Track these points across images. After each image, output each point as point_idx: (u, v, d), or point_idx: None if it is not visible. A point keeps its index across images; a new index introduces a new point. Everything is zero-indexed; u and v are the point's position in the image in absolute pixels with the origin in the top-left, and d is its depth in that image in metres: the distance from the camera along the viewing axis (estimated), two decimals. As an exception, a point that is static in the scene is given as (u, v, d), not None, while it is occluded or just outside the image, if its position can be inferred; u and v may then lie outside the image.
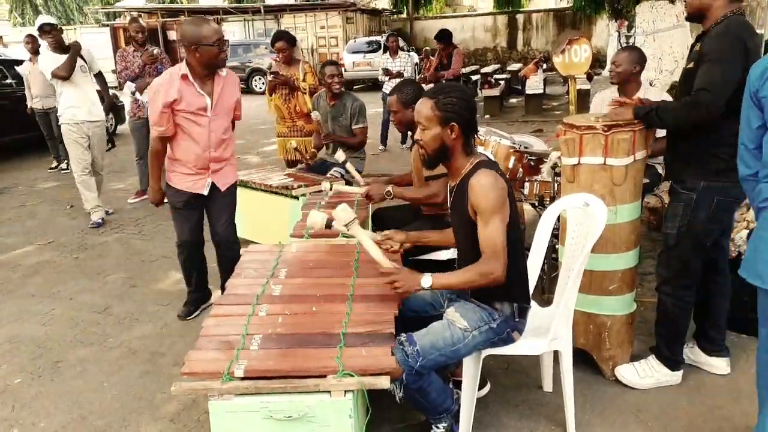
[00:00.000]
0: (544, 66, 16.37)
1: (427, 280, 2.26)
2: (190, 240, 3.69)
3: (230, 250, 3.65)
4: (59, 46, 5.65)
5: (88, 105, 5.77)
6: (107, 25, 24.45)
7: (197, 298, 3.89)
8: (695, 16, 2.66)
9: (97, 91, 6.08)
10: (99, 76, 6.16)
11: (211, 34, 3.22)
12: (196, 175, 3.50)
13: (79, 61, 5.66)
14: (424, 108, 2.31)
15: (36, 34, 8.20)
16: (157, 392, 3.01)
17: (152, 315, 3.91)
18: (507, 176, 3.98)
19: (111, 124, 9.28)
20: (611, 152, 2.68)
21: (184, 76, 3.29)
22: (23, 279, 4.65)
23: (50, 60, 5.60)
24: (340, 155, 4.14)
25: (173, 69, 3.38)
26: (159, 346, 3.49)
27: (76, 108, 5.67)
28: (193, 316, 3.82)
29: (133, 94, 6.26)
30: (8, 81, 9.45)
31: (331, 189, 3.67)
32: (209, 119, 3.39)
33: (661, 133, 3.60)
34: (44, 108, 8.21)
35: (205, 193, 3.54)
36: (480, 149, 4.05)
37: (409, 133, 3.31)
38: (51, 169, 8.71)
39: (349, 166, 4.10)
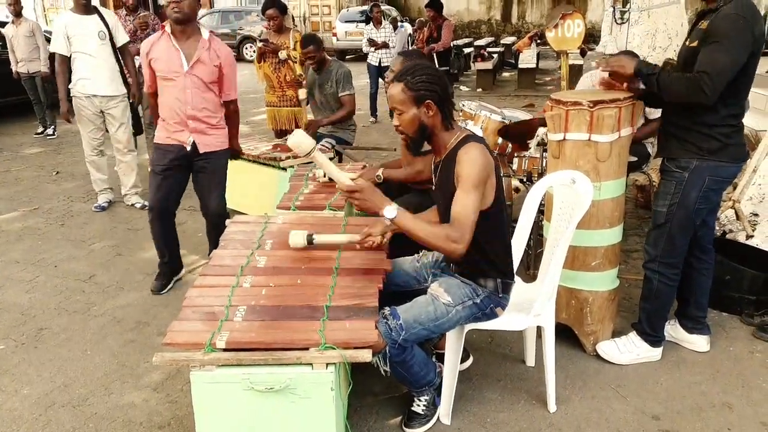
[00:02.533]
0: (538, 41, 16.25)
1: (391, 211, 2.13)
2: (158, 207, 3.63)
3: (221, 226, 3.54)
4: (88, 5, 5.01)
5: (104, 77, 5.02)
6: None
7: (168, 271, 3.86)
8: None
9: (120, 71, 5.19)
10: (124, 51, 5.18)
11: None
12: (176, 131, 3.53)
13: (98, 26, 4.96)
14: (395, 92, 2.26)
15: None
16: (140, 361, 3.02)
17: (137, 284, 3.90)
18: (496, 151, 4.00)
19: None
20: (596, 128, 2.67)
21: (165, 34, 3.44)
22: (7, 245, 4.61)
23: (75, 23, 4.90)
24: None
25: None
26: (143, 315, 3.49)
27: (87, 80, 4.97)
28: (166, 290, 3.79)
29: None
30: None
31: (324, 175, 3.62)
32: (184, 75, 3.40)
33: (654, 114, 3.59)
34: (29, 72, 8.07)
35: (188, 147, 3.52)
36: (470, 124, 4.05)
37: None
38: (37, 134, 8.59)
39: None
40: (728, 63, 2.41)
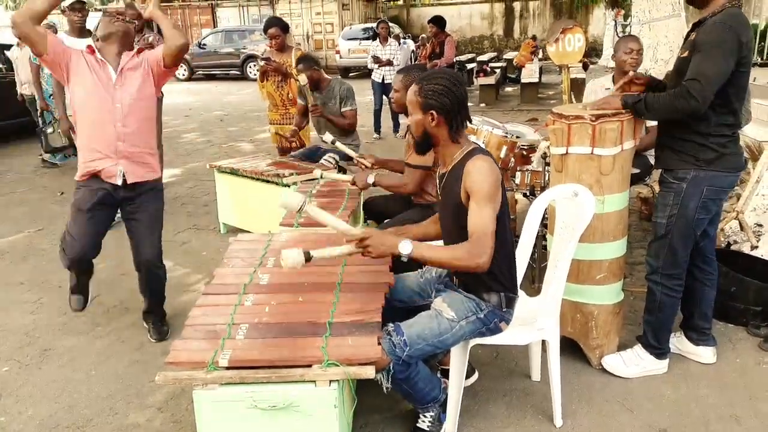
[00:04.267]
0: (540, 54, 16.32)
1: (406, 245, 2.11)
2: (81, 256, 3.21)
3: (155, 275, 3.41)
4: (83, 29, 5.07)
5: None
6: (100, 10, 24.23)
7: (82, 287, 3.51)
8: (696, 1, 2.63)
9: None
10: None
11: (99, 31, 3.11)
12: (105, 158, 3.09)
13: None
14: (410, 92, 2.30)
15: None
16: (145, 381, 3.01)
17: (141, 304, 3.87)
18: (499, 166, 4.01)
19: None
20: (599, 142, 2.68)
21: (90, 47, 3.11)
22: (12, 266, 4.63)
23: (75, 46, 5.02)
24: (327, 137, 4.15)
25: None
26: (147, 334, 3.48)
27: None
28: (85, 306, 3.51)
29: None
30: (-2, 65, 9.36)
31: (321, 177, 3.67)
32: (114, 89, 3.05)
33: (650, 123, 3.61)
34: (34, 94, 8.13)
35: (118, 182, 3.11)
36: (472, 138, 4.06)
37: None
38: (40, 155, 8.62)
39: (339, 144, 4.08)
40: (716, 69, 2.44)
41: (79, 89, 3.05)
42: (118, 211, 3.36)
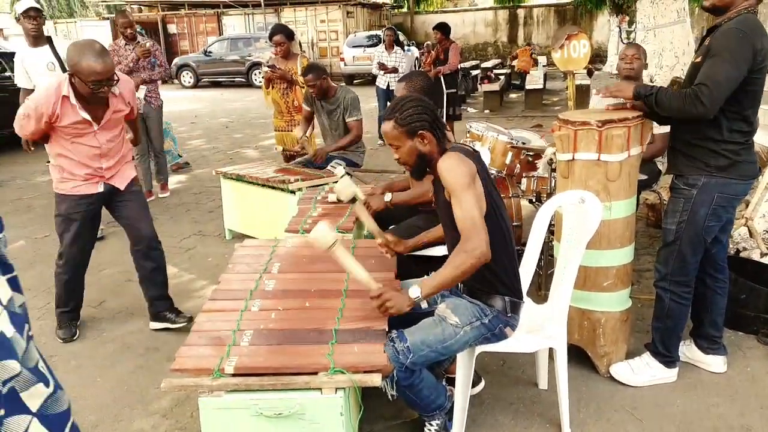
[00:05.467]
0: (544, 62, 16.33)
1: (414, 290, 2.18)
2: (77, 258, 3.41)
3: (155, 251, 3.53)
4: (39, 37, 4.83)
5: None
6: (107, 19, 24.41)
7: (72, 317, 3.56)
8: (716, 8, 2.57)
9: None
10: None
11: (88, 72, 2.87)
12: (88, 181, 3.28)
13: (48, 57, 4.86)
14: (388, 130, 2.32)
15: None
16: (150, 387, 3.00)
17: (147, 310, 3.88)
18: (504, 172, 4.00)
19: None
20: (605, 148, 2.66)
21: (65, 98, 2.99)
22: (19, 272, 4.47)
23: (28, 55, 4.89)
24: (339, 171, 4.19)
25: (55, 82, 3.05)
26: (153, 341, 3.48)
27: None
28: (77, 336, 3.52)
29: None
30: (7, 74, 9.40)
31: (338, 200, 3.65)
32: (95, 134, 3.16)
33: (658, 130, 3.58)
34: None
35: (100, 189, 3.29)
36: (477, 144, 4.06)
37: None
38: (48, 162, 8.66)
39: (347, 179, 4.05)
40: (726, 75, 2.41)
41: (61, 132, 3.13)
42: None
